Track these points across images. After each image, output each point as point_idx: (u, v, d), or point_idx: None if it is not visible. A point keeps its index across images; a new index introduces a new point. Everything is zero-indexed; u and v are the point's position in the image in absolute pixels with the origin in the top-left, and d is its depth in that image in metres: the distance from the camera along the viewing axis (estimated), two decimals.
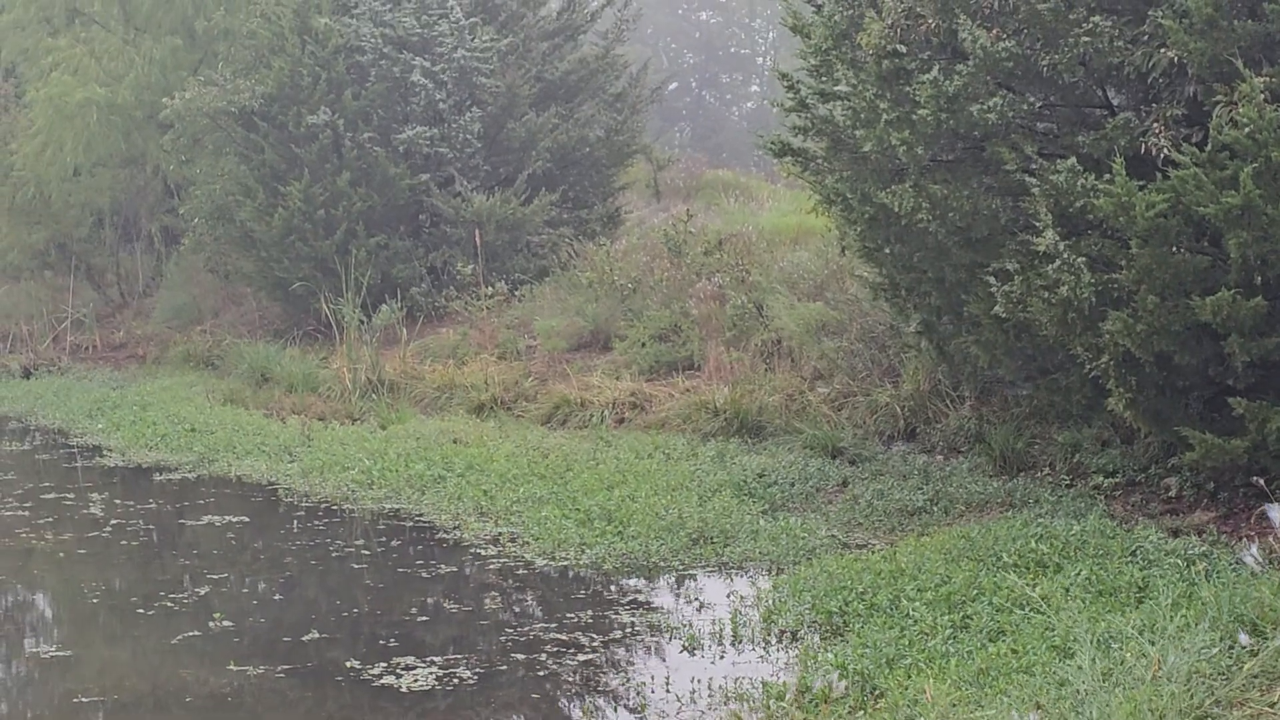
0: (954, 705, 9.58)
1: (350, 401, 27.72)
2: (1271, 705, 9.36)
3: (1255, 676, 9.86)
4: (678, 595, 15.34)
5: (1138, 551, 13.86)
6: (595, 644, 13.70)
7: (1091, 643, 11.19)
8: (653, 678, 12.56)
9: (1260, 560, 8.24)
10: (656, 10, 76.06)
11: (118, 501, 21.28)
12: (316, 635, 14.29)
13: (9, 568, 18.13)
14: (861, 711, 9.85)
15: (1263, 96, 13.61)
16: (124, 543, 18.78)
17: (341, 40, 33.79)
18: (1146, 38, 15.44)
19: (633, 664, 13.25)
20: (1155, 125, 15.38)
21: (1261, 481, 13.67)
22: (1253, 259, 13.92)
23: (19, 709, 13.04)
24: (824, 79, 19.14)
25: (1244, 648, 10.48)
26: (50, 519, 20.20)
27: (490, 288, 30.98)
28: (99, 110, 36.71)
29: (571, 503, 18.59)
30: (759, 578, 15.43)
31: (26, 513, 20.70)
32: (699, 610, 14.57)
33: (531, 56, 36.66)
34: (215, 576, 16.76)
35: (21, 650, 15.12)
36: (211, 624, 14.74)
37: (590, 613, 14.72)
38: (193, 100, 34.48)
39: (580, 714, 11.95)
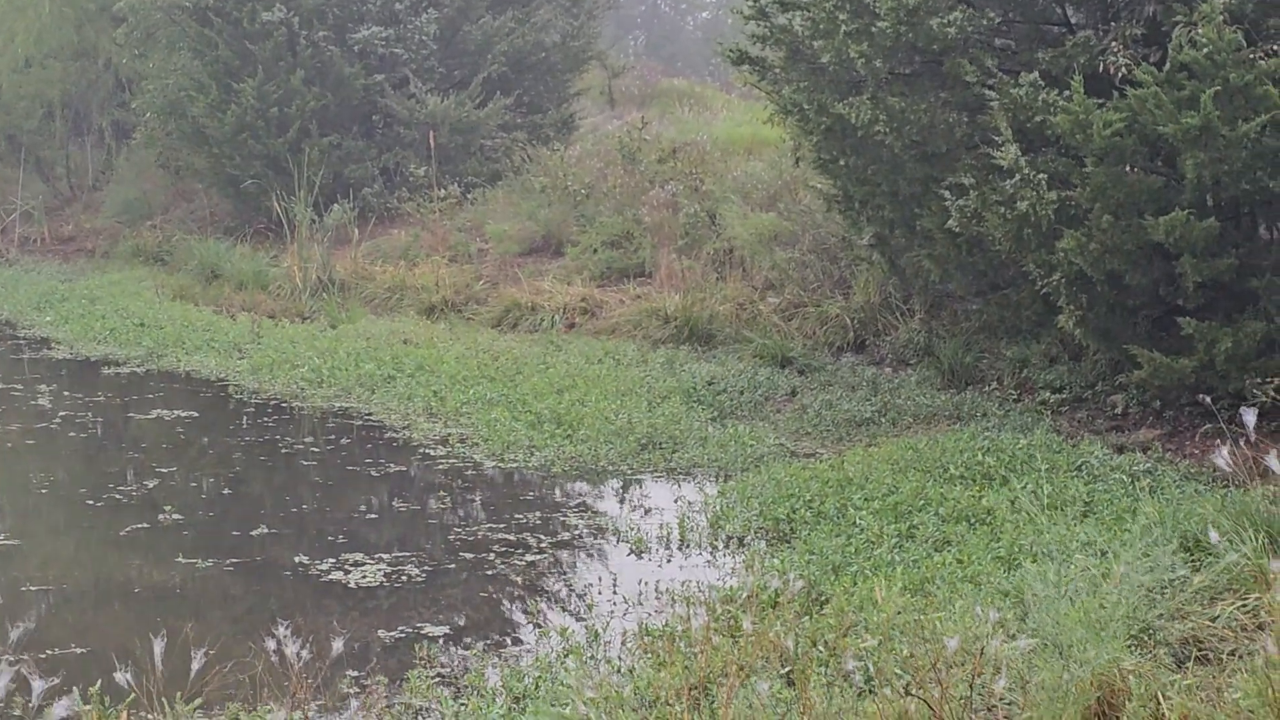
0: (898, 613, 9.64)
1: (300, 300, 27.65)
2: (1213, 619, 9.44)
3: (1199, 591, 9.95)
4: (626, 500, 15.38)
5: (1083, 466, 13.99)
6: (543, 545, 13.74)
7: (1042, 554, 11.31)
8: (600, 579, 12.64)
9: (1230, 463, 8.28)
10: None
11: (66, 394, 21.24)
12: (265, 530, 14.32)
13: None
14: (807, 616, 9.88)
15: (1222, 18, 13.64)
16: (72, 435, 18.79)
17: None
18: None
19: (580, 566, 13.30)
20: (1114, 44, 15.41)
21: (1208, 399, 13.79)
22: (1207, 180, 13.97)
23: None
24: None
25: (1189, 562, 10.57)
26: None
27: (443, 190, 30.96)
28: (51, 1, 36.46)
29: (521, 405, 18.63)
30: (707, 484, 15.48)
31: None
32: (646, 515, 14.63)
33: None
34: (163, 470, 16.72)
35: None
36: (160, 517, 14.73)
37: (538, 514, 14.76)
38: None
39: (526, 614, 11.98)
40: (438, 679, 9.92)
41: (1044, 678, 8.11)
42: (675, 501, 14.92)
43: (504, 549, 13.62)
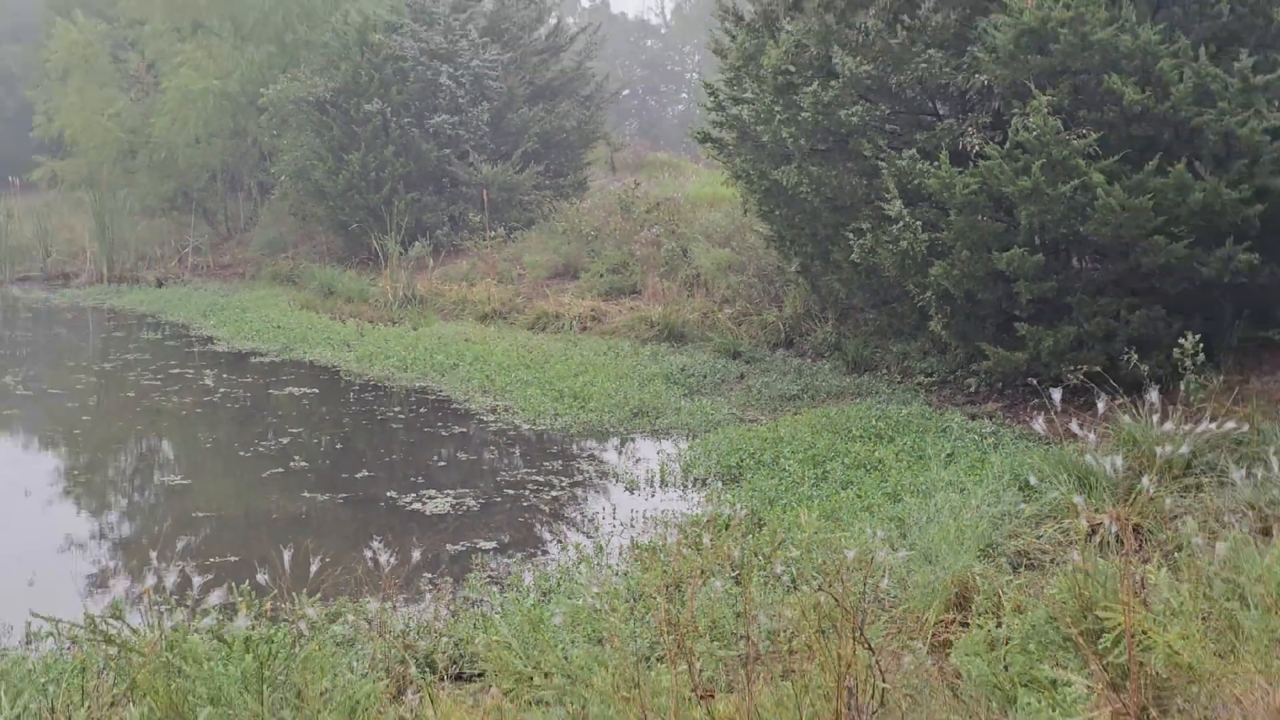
0: (815, 532, 9.67)
1: (391, 310, 27.58)
2: (1038, 538, 9.49)
3: (1028, 518, 10.01)
4: (622, 452, 15.35)
5: (947, 429, 14.02)
6: (563, 485, 13.77)
7: (918, 491, 11.36)
8: (603, 509, 12.69)
9: (1045, 428, 8.32)
10: (615, 37, 75.92)
11: (224, 376, 21.22)
12: (366, 474, 14.37)
13: (147, 421, 18.19)
14: (750, 535, 9.91)
15: (1046, 110, 13.70)
16: (228, 405, 18.79)
17: (390, 51, 33.56)
18: (966, 65, 15.54)
19: (590, 499, 13.32)
20: (970, 129, 15.51)
21: (1035, 382, 13.89)
22: (1036, 226, 14.08)
23: (152, 521, 13.10)
24: (736, 89, 19.22)
25: (1023, 498, 10.64)
26: (176, 387, 20.19)
27: (493, 232, 30.99)
28: (214, 97, 36.60)
29: (548, 385, 18.59)
30: (680, 441, 15.46)
31: (159, 382, 20.68)
32: (637, 463, 14.62)
33: (526, 66, 36.49)
34: (293, 431, 16.78)
35: (154, 480, 15.19)
36: (291, 464, 14.80)
37: (560, 463, 14.77)
38: (282, 91, 34.41)
39: (551, 533, 12.03)
40: (489, 579, 9.96)
41: (918, 579, 8.16)
42: (657, 453, 14.91)
43: (536, 487, 13.65)
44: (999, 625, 6.86)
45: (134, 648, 6.01)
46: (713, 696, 5.49)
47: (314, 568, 7.36)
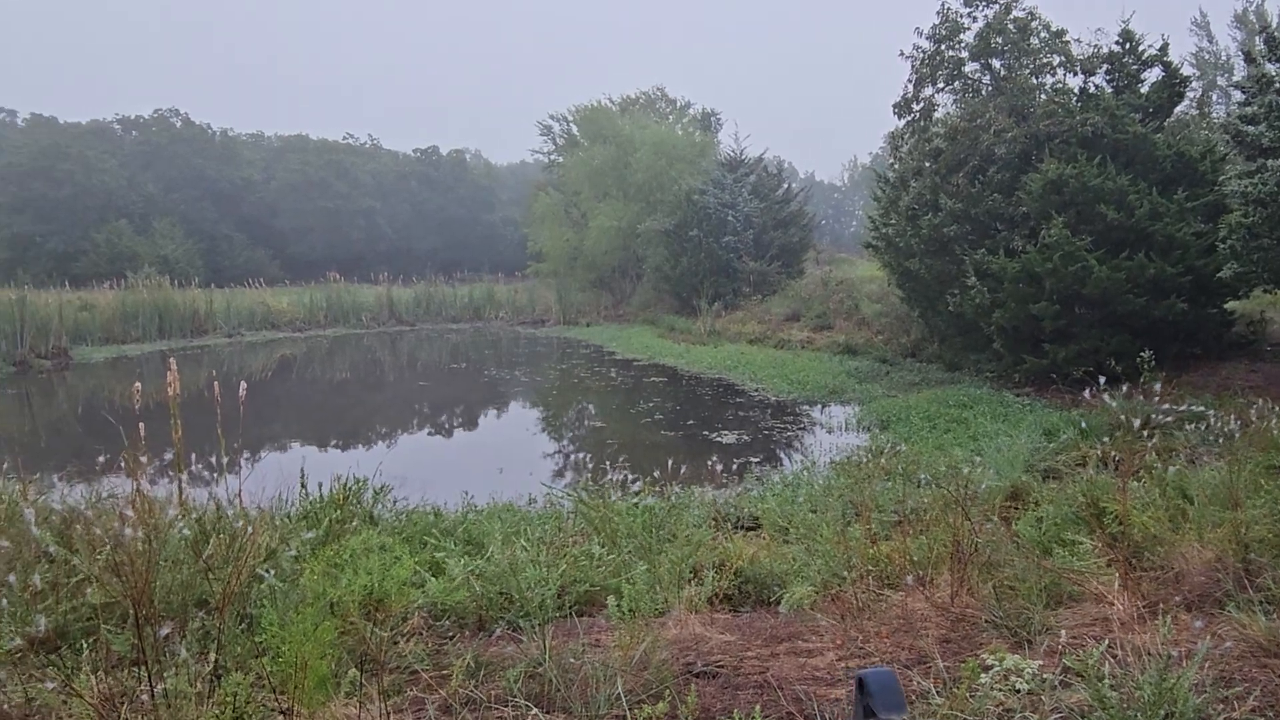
0: (931, 456, 9.34)
1: (703, 337, 27.71)
2: (1058, 461, 8.95)
3: (1052, 450, 9.44)
4: (824, 412, 15.09)
5: (1003, 401, 13.36)
6: (792, 429, 13.63)
7: (985, 435, 10.83)
8: (817, 443, 12.47)
9: (1066, 404, 7.93)
10: (818, 193, 74.68)
11: (618, 371, 21.69)
12: (691, 421, 14.47)
13: (581, 393, 18.67)
14: (895, 457, 9.65)
15: (1061, 223, 12.93)
16: (621, 385, 19.22)
17: (701, 204, 33.76)
18: (1014, 202, 14.77)
19: (807, 436, 13.15)
20: (1016, 237, 14.71)
21: (1054, 376, 13.05)
22: (1054, 290, 13.26)
23: (583, 443, 13.51)
24: (884, 218, 18.66)
25: (1048, 439, 10.05)
26: (593, 377, 20.74)
27: (755, 296, 30.85)
28: (614, 230, 37.39)
29: (785, 376, 18.41)
30: (856, 406, 15.10)
31: (586, 374, 21.29)
32: (831, 418, 14.36)
33: (771, 208, 36.04)
34: (654, 402, 16.99)
35: (584, 423, 15.60)
36: (655, 416, 15.03)
37: (791, 417, 14.61)
38: (648, 225, 34.97)
39: (785, 454, 11.91)
40: (755, 478, 9.97)
41: (990, 483, 7.80)
42: (842, 413, 14.61)
43: (779, 429, 13.55)
44: (1039, 510, 6.51)
45: (588, 505, 6.28)
46: (877, 542, 5.39)
47: (681, 469, 7.53)
